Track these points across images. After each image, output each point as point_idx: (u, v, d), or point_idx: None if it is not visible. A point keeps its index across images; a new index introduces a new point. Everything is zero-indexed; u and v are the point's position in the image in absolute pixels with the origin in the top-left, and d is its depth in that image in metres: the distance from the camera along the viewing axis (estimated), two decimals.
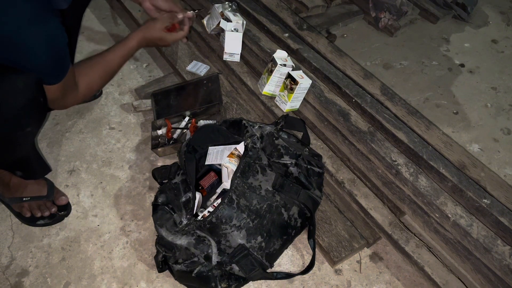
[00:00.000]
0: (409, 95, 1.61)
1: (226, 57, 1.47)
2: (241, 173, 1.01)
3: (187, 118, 1.37)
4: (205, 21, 1.58)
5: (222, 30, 1.47)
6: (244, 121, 1.14)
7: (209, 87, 1.40)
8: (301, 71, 1.31)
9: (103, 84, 1.11)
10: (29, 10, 0.79)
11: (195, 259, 1.00)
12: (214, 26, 1.54)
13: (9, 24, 0.77)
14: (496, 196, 1.09)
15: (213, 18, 1.55)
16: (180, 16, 1.23)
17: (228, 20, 1.45)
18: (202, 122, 1.34)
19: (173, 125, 1.35)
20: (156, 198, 1.09)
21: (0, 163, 1.06)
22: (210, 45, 1.54)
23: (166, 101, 1.40)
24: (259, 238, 1.01)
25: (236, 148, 1.10)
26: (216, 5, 1.54)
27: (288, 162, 1.11)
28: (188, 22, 1.27)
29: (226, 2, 1.55)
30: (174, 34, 1.23)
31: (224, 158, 1.11)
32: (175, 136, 1.34)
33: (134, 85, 1.55)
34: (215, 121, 1.33)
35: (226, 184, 1.13)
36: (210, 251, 0.99)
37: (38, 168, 1.14)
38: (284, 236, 1.06)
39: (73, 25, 1.28)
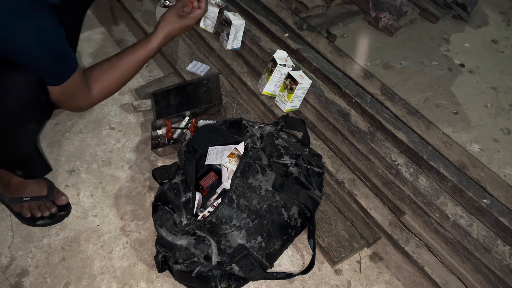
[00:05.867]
0: (409, 95, 1.61)
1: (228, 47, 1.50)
2: (241, 173, 1.01)
3: (187, 118, 1.37)
4: (202, 24, 1.58)
5: (224, 24, 1.46)
6: (244, 121, 1.14)
7: (209, 87, 1.40)
8: (301, 71, 1.31)
9: (119, 87, 1.08)
10: (16, 2, 0.77)
11: (195, 259, 1.00)
12: (215, 23, 1.53)
13: None
14: (496, 196, 1.09)
15: (210, 16, 1.54)
16: None
17: (227, 20, 1.45)
18: (202, 122, 1.34)
19: (173, 125, 1.35)
20: (156, 198, 1.09)
21: (1, 162, 1.06)
22: (210, 45, 1.54)
23: (166, 101, 1.40)
24: (259, 238, 1.01)
25: (236, 148, 1.10)
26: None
27: (288, 162, 1.11)
28: None
29: None
30: (192, 17, 1.14)
31: (224, 158, 1.11)
32: (175, 136, 1.34)
33: (134, 85, 1.55)
34: (215, 121, 1.33)
35: (226, 184, 1.13)
36: (210, 251, 0.99)
37: (39, 167, 1.14)
38: (284, 236, 1.06)
39: (74, 25, 1.28)
